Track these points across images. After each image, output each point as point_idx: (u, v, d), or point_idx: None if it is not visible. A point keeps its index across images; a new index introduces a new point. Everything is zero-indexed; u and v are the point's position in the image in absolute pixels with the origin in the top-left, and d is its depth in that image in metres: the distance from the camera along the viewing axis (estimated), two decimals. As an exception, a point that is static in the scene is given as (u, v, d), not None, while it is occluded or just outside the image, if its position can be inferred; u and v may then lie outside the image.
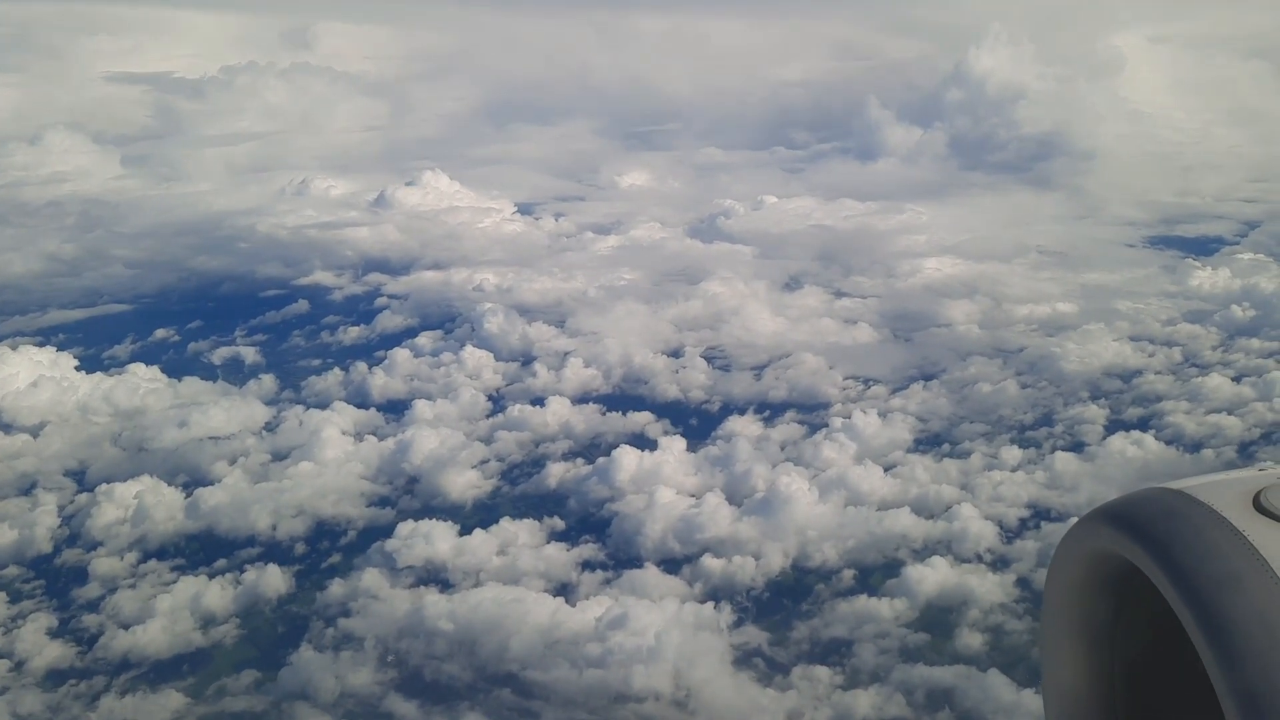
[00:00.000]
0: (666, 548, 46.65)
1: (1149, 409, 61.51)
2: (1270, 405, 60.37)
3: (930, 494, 49.80)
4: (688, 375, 68.22)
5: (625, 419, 62.21)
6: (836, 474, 50.69)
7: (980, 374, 66.29)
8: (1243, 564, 2.34)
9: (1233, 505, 2.52)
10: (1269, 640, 2.18)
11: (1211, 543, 2.42)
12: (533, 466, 57.38)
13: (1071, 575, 2.85)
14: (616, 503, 50.96)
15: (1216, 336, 72.04)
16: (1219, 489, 2.61)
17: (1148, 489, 2.67)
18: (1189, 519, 2.51)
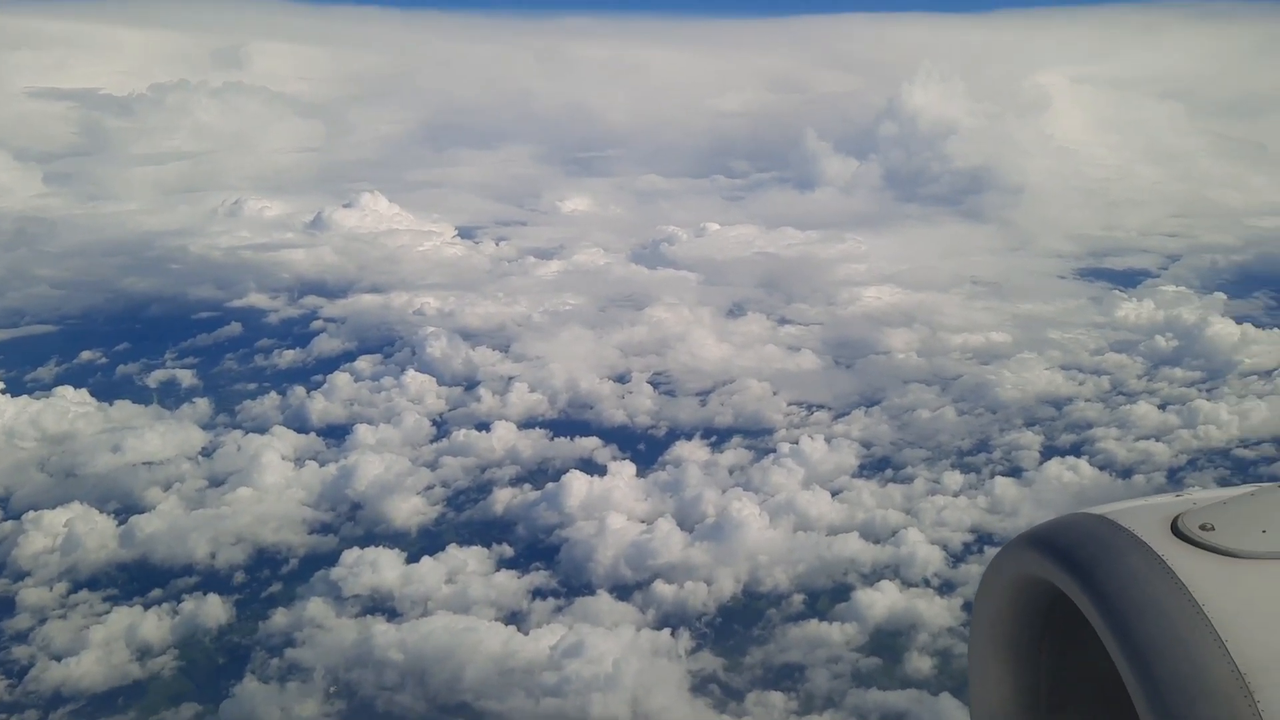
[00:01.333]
0: (618, 574, 46.46)
1: (1081, 435, 63.33)
2: (1194, 433, 62.59)
3: (877, 519, 50.55)
4: (634, 400, 68.34)
5: (573, 444, 62.02)
6: (785, 499, 51.18)
7: (920, 400, 67.63)
8: (1162, 588, 2.40)
9: (1153, 530, 2.58)
10: (1187, 663, 2.23)
11: (1132, 567, 2.48)
12: (479, 492, 56.81)
13: (999, 599, 2.90)
14: (566, 529, 50.68)
15: (1142, 366, 74.47)
16: (1140, 514, 2.67)
17: (1072, 514, 2.73)
18: (1111, 544, 2.57)
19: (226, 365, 77.87)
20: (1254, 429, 62.53)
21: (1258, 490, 2.73)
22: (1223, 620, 2.28)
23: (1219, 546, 2.49)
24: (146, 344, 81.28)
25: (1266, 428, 62.75)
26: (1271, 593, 2.37)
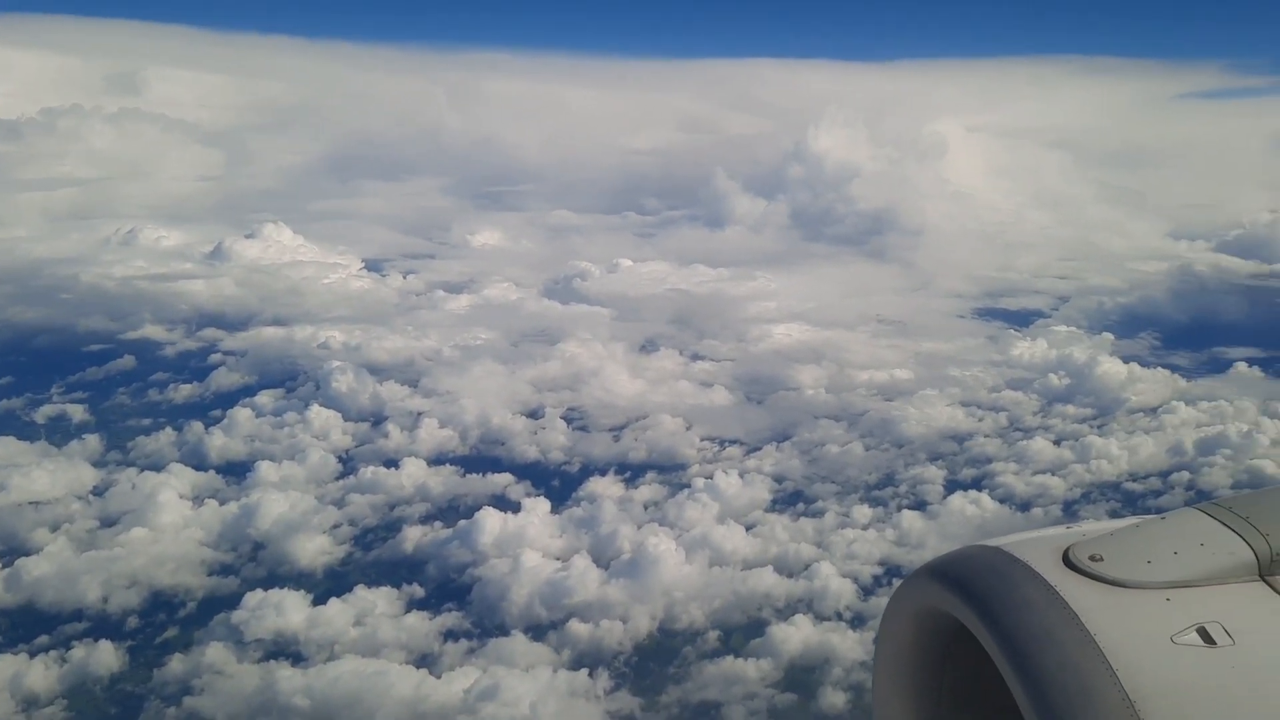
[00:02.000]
0: (533, 613, 45.72)
1: (982, 470, 65.26)
2: (1087, 467, 65.10)
3: (790, 553, 51.03)
4: (547, 436, 67.81)
5: (485, 480, 61.13)
6: (700, 534, 51.27)
7: (829, 436, 68.83)
8: (1055, 618, 2.47)
9: (1046, 561, 2.66)
10: (1080, 692, 2.31)
11: (1027, 598, 2.55)
12: (387, 531, 55.39)
13: (900, 632, 2.96)
14: (479, 568, 49.72)
15: (1037, 402, 77.28)
16: (1034, 546, 2.75)
17: (969, 546, 2.80)
18: (1006, 575, 2.64)
19: (119, 400, 74.58)
20: (1142, 464, 65.42)
21: (1142, 522, 2.83)
22: (1113, 649, 2.36)
23: (1108, 577, 2.58)
24: (33, 377, 77.38)
25: (1154, 462, 65.73)
26: (1157, 621, 2.46)
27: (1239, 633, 2.43)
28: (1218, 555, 2.64)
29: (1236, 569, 2.62)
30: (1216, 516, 2.78)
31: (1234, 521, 2.74)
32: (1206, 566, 2.61)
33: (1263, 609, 2.55)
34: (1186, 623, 2.45)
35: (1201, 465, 64.61)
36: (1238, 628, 2.45)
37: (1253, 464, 63.86)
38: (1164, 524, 2.81)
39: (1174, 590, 2.56)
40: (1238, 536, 2.68)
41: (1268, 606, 2.56)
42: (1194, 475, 63.71)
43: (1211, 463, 64.55)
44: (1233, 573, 2.62)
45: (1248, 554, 2.64)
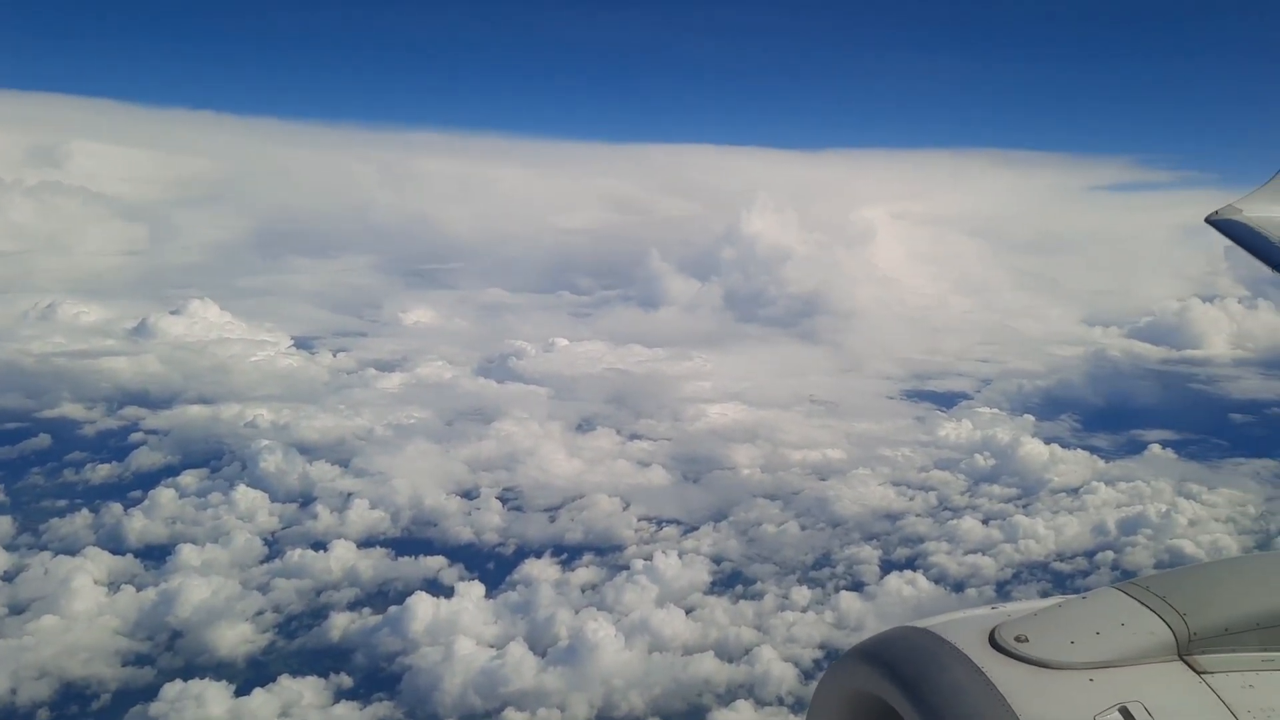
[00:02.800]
0: (466, 703, 44.38)
1: (915, 549, 65.96)
2: (1016, 547, 66.24)
3: (730, 636, 50.64)
4: (482, 517, 66.76)
5: (417, 564, 59.74)
6: (639, 618, 50.57)
7: (765, 515, 69.06)
8: (982, 700, 2.54)
9: (972, 642, 2.74)
10: None
11: (954, 680, 2.61)
12: (313, 618, 53.55)
13: (830, 713, 3.00)
14: (410, 655, 48.25)
15: (964, 482, 78.70)
16: (961, 627, 2.84)
17: (898, 628, 2.87)
18: (934, 657, 2.71)
19: (32, 480, 71.39)
20: (1068, 543, 66.82)
21: (1065, 602, 2.92)
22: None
23: (1033, 658, 2.66)
24: (-63, 456, 73.71)
25: (1079, 542, 67.21)
26: (1080, 702, 2.52)
27: (1159, 711, 2.51)
28: (1138, 635, 2.72)
29: (1156, 649, 2.70)
30: (1136, 596, 2.87)
31: (1152, 601, 2.83)
32: (1127, 646, 2.69)
33: (1181, 688, 2.62)
34: (1109, 703, 2.52)
35: (1124, 545, 66.26)
36: (1158, 707, 2.52)
37: (1172, 543, 65.70)
38: (1086, 604, 2.89)
39: (1097, 670, 2.63)
40: (1156, 616, 2.77)
41: (1186, 686, 2.64)
42: (1118, 555, 65.25)
43: (1134, 542, 66.27)
44: (1152, 652, 2.69)
45: (1166, 634, 2.73)
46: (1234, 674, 2.67)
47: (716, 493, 73.66)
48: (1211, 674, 2.67)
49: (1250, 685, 2.64)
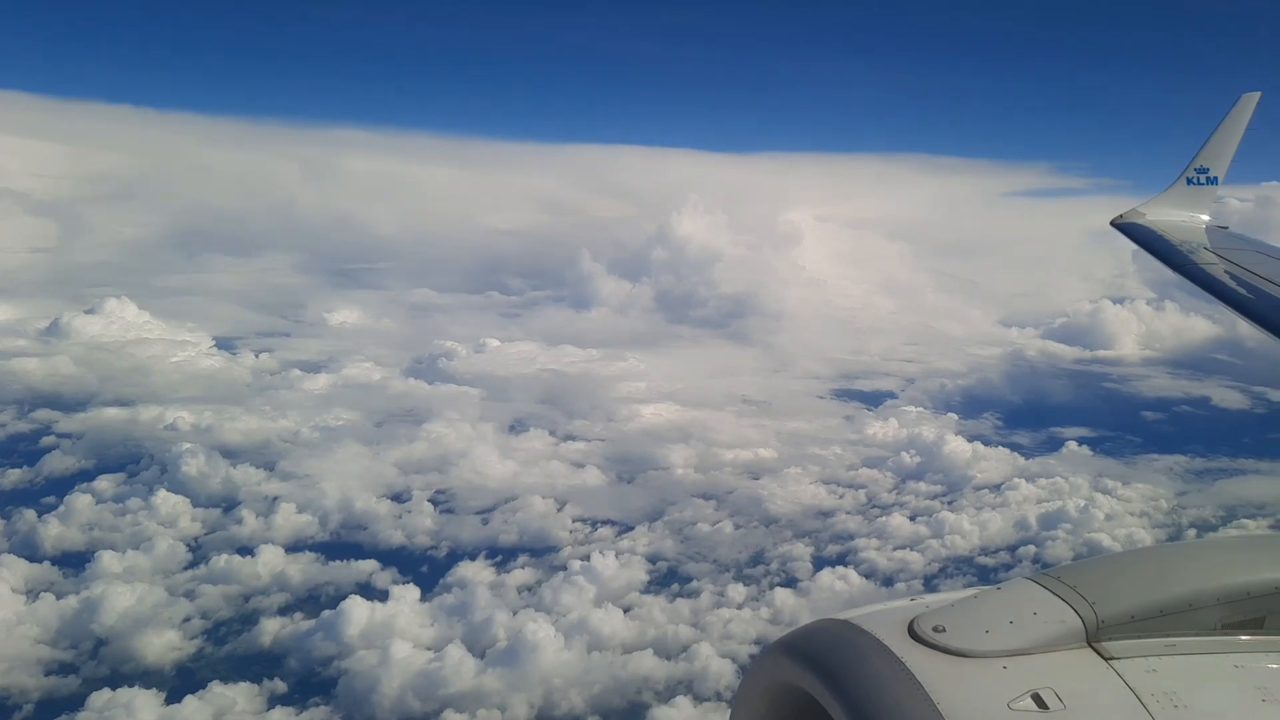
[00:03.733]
0: (405, 706, 43.71)
1: (846, 546, 67.07)
2: (942, 542, 67.86)
3: (668, 634, 50.84)
4: (413, 520, 65.81)
5: (348, 568, 58.63)
6: (577, 618, 50.47)
7: (699, 515, 69.53)
8: (901, 689, 2.63)
9: (892, 633, 2.85)
10: None
11: (875, 670, 2.71)
12: (243, 623, 52.19)
13: (754, 705, 3.10)
14: (345, 660, 47.35)
15: (891, 480, 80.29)
16: (881, 618, 2.96)
17: (820, 620, 2.99)
18: (855, 648, 2.81)
19: (-63, 487, 68.08)
20: (992, 538, 68.71)
21: (980, 593, 3.05)
22: (955, 716, 2.52)
23: (950, 647, 2.77)
24: None
25: (1002, 537, 69.16)
26: (995, 689, 2.64)
27: (1069, 697, 2.62)
28: (1049, 624, 2.84)
29: (1066, 636, 2.83)
30: (1047, 586, 3.01)
31: (1063, 591, 2.96)
32: (1039, 635, 2.81)
33: (1090, 674, 2.75)
34: (1022, 689, 2.63)
35: (1045, 539, 68.34)
36: (1068, 692, 2.63)
37: (1090, 537, 68.00)
38: (1000, 594, 3.03)
39: (1010, 658, 2.75)
40: (1067, 605, 2.89)
41: (1094, 671, 2.76)
42: (1039, 549, 67.25)
43: (1054, 536, 68.40)
44: (1063, 640, 2.82)
45: (1076, 622, 2.85)
46: (1138, 659, 2.79)
47: (651, 493, 73.94)
48: (1118, 660, 2.79)
49: (1153, 670, 2.76)
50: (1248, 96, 13.46)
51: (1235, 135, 13.57)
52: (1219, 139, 13.61)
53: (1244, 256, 10.72)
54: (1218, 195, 13.82)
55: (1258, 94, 13.41)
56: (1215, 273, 10.12)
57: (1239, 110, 13.51)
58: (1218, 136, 13.62)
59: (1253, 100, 13.43)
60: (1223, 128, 13.59)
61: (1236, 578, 3.03)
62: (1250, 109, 13.47)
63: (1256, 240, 11.94)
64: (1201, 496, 76.68)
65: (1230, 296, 9.20)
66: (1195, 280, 10.08)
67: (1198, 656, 2.86)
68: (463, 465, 74.55)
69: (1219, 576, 3.04)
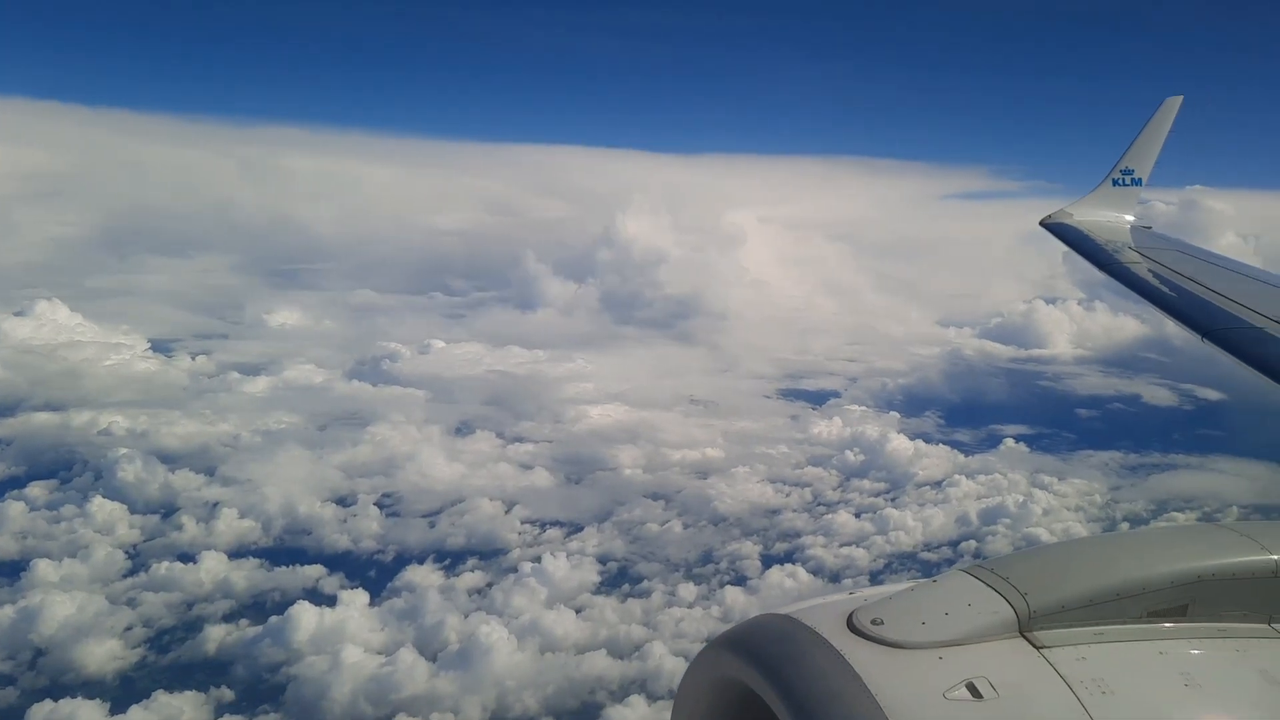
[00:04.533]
0: (357, 711, 43.20)
1: (793, 543, 67.89)
2: (887, 538, 69.06)
3: (621, 634, 50.97)
4: (359, 524, 65.04)
5: (294, 573, 57.77)
6: (530, 620, 50.36)
7: (648, 515, 69.77)
8: (840, 681, 2.68)
9: (832, 626, 2.90)
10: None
11: (814, 663, 2.75)
12: (186, 631, 51.16)
13: (696, 701, 3.14)
14: (294, 666, 46.66)
15: (836, 478, 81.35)
16: (820, 612, 3.00)
17: (760, 615, 3.04)
18: (795, 642, 2.85)
19: None
20: (934, 534, 70.10)
21: (917, 585, 3.15)
22: (892, 707, 2.59)
23: (888, 639, 2.84)
24: None
25: (944, 532, 70.58)
26: (931, 680, 2.71)
27: (1002, 686, 2.70)
28: (983, 614, 2.92)
29: (999, 626, 2.91)
30: (981, 578, 3.07)
31: (996, 582, 3.04)
32: (973, 625, 2.89)
33: (1021, 663, 2.82)
34: (957, 679, 2.69)
35: (985, 534, 69.87)
36: (1001, 681, 2.71)
37: (1029, 531, 69.69)
38: (936, 587, 3.09)
39: (946, 649, 2.81)
40: (1000, 596, 2.97)
41: (1026, 660, 2.84)
42: (980, 543, 68.75)
43: (994, 531, 69.97)
44: (996, 630, 2.89)
45: (1009, 612, 2.93)
46: (1069, 648, 2.88)
47: (600, 493, 73.99)
48: (1049, 648, 2.87)
49: (1083, 658, 2.85)
50: (1170, 101, 13.77)
51: (1159, 138, 13.88)
52: (1143, 142, 13.92)
53: (1167, 256, 10.96)
54: (1142, 197, 14.24)
55: (1179, 98, 13.71)
56: (1139, 271, 10.34)
57: (1162, 114, 13.83)
58: (1142, 140, 13.93)
59: (1175, 105, 13.76)
60: (1147, 131, 13.90)
61: (1161, 568, 3.13)
62: (1173, 113, 13.80)
63: (1178, 240, 12.28)
64: (1134, 491, 79.12)
65: (1154, 295, 9.41)
66: (1120, 279, 10.29)
67: (1124, 644, 2.96)
68: (409, 468, 73.82)
69: (1144, 567, 3.13)
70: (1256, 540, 3.29)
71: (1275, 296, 8.58)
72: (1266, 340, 7.14)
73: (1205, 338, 7.64)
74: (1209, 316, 8.12)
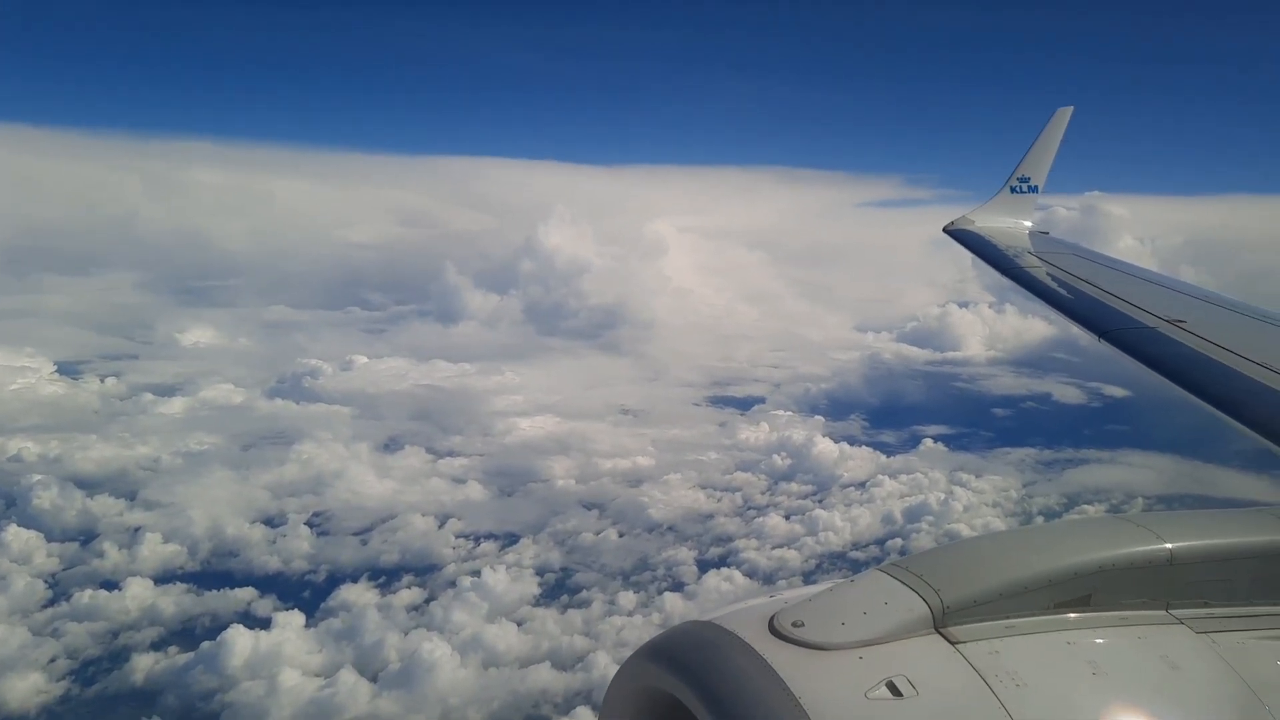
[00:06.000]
0: (298, 736, 42.50)
1: (726, 547, 68.83)
2: (817, 539, 70.51)
3: (563, 645, 51.04)
4: (289, 544, 63.83)
5: (224, 596, 56.46)
6: (471, 635, 50.12)
7: (583, 525, 69.98)
8: (762, 685, 2.69)
9: (754, 630, 2.91)
10: None
11: (737, 668, 2.76)
12: (113, 661, 49.61)
13: (622, 715, 3.12)
14: (229, 692, 45.58)
15: (765, 482, 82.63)
16: (742, 617, 3.01)
17: (684, 623, 3.05)
18: (717, 648, 2.86)
19: None
20: (862, 533, 71.78)
21: (835, 586, 3.18)
22: (815, 709, 2.62)
23: (808, 641, 2.87)
24: None
25: (871, 531, 72.32)
26: (852, 680, 2.74)
27: (920, 683, 2.74)
28: (899, 612, 2.96)
29: (915, 623, 2.95)
30: (897, 576, 3.11)
31: (911, 580, 3.08)
32: (891, 624, 2.92)
33: (937, 659, 2.87)
34: (877, 678, 2.73)
35: (910, 531, 71.80)
36: (919, 678, 2.76)
37: (951, 527, 71.95)
38: (854, 587, 3.12)
39: (865, 649, 2.84)
40: (915, 594, 3.01)
41: (942, 656, 2.89)
42: (905, 541, 70.59)
43: (919, 529, 71.93)
44: (913, 627, 2.94)
45: (924, 609, 2.97)
46: (982, 642, 2.95)
47: (533, 505, 73.89)
48: (963, 643, 2.93)
49: (996, 651, 2.92)
50: (1061, 111, 14.35)
51: (1052, 147, 14.37)
52: (1038, 150, 14.41)
53: (1064, 259, 11.28)
54: (1045, 203, 14.84)
55: (1070, 109, 14.35)
56: (1038, 275, 10.56)
57: (1054, 124, 14.37)
58: (1037, 148, 14.42)
59: (1066, 115, 14.35)
60: (1041, 140, 14.40)
61: (1065, 559, 3.20)
62: (1064, 123, 14.35)
63: (1074, 244, 12.69)
64: (1049, 485, 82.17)
65: (1052, 297, 9.62)
66: (1020, 282, 10.49)
67: (1034, 636, 3.02)
68: (338, 486, 72.73)
69: (1049, 559, 3.20)
70: (1152, 530, 3.41)
71: (1165, 297, 8.93)
72: (1158, 339, 7.36)
73: (1101, 338, 7.81)
74: (1104, 317, 8.32)
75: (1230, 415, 5.70)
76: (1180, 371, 6.59)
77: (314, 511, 69.15)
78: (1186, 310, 8.10)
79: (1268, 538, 3.51)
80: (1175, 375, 6.57)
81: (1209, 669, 3.05)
